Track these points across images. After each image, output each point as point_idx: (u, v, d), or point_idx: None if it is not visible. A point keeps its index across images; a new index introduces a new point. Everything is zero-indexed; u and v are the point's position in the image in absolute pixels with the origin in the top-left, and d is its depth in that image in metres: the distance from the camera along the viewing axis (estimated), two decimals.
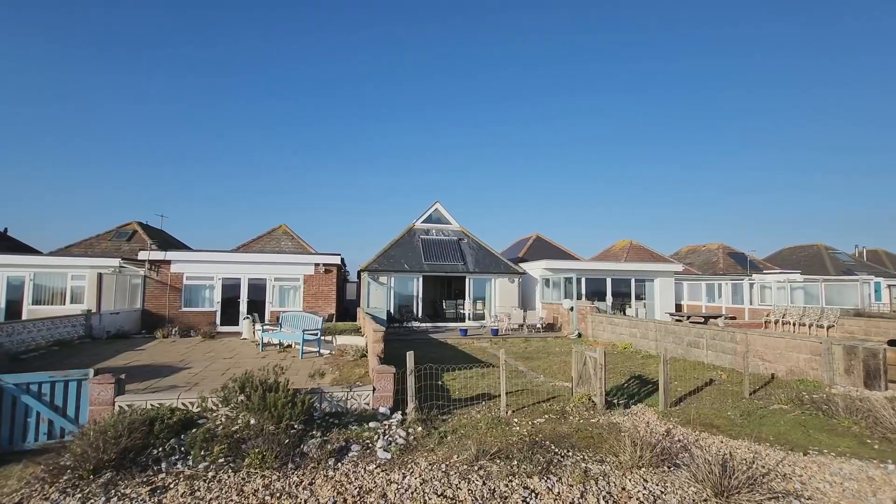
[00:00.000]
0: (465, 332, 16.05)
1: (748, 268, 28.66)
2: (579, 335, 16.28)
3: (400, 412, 5.94)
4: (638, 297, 21.70)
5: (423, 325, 18.81)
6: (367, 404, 5.91)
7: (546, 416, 6.34)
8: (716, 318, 15.99)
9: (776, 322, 18.24)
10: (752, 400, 7.29)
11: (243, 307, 17.31)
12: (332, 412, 5.75)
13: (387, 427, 5.49)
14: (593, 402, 6.95)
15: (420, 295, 19.16)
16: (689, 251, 35.53)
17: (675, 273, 22.25)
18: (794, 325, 17.49)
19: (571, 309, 17.01)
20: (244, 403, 4.91)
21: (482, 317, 19.86)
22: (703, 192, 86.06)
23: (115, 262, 16.30)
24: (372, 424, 5.49)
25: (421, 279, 19.18)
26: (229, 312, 17.28)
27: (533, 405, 7.01)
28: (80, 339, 12.53)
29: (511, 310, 17.54)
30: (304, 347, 11.19)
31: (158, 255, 16.46)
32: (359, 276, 20.07)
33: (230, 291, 17.40)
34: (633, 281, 21.25)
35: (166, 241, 25.74)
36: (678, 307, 23.12)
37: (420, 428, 5.56)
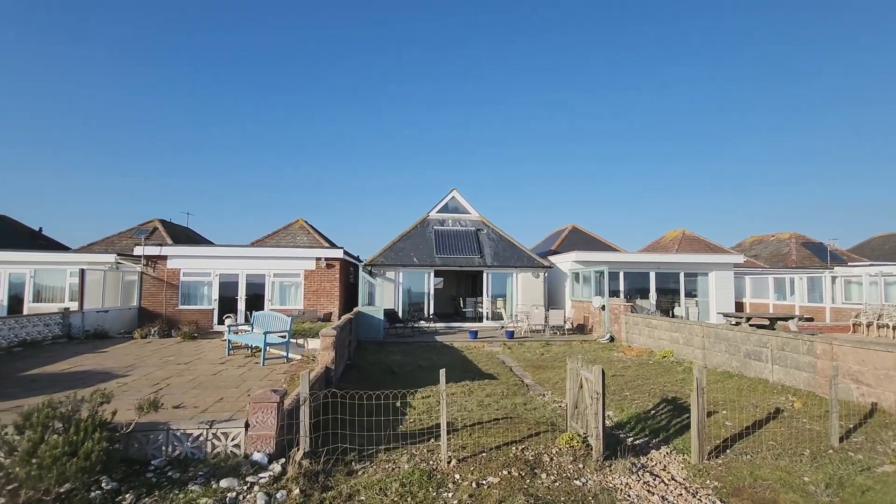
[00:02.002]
0: (475, 334, 13.98)
1: (828, 260, 24.29)
2: (611, 339, 13.70)
3: (284, 460, 4.08)
4: (689, 295, 18.56)
5: (435, 325, 16.91)
6: (237, 447, 4.10)
7: (507, 471, 4.23)
8: (786, 319, 12.84)
9: (868, 325, 14.64)
10: (843, 451, 4.76)
11: (241, 305, 16.25)
12: (184, 458, 4.00)
13: (246, 488, 3.65)
14: (589, 445, 4.75)
15: (431, 292, 17.27)
16: (755, 242, 31.11)
17: (735, 265, 18.85)
18: (894, 329, 13.88)
19: (603, 308, 14.45)
20: (8, 453, 3.26)
21: (502, 316, 17.64)
22: (773, 180, 77.61)
23: (111, 257, 15.75)
24: (224, 483, 3.66)
25: (432, 274, 17.29)
26: (228, 310, 16.29)
27: (499, 448, 4.90)
28: (53, 340, 11.79)
29: (532, 308, 15.25)
30: (270, 351, 9.66)
31: (154, 250, 15.71)
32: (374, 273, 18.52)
33: (229, 288, 16.41)
34: (682, 275, 18.15)
35: (189, 238, 25.58)
36: (739, 306, 19.67)
37: (297, 490, 3.67)
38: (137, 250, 15.66)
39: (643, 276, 18.14)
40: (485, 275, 17.53)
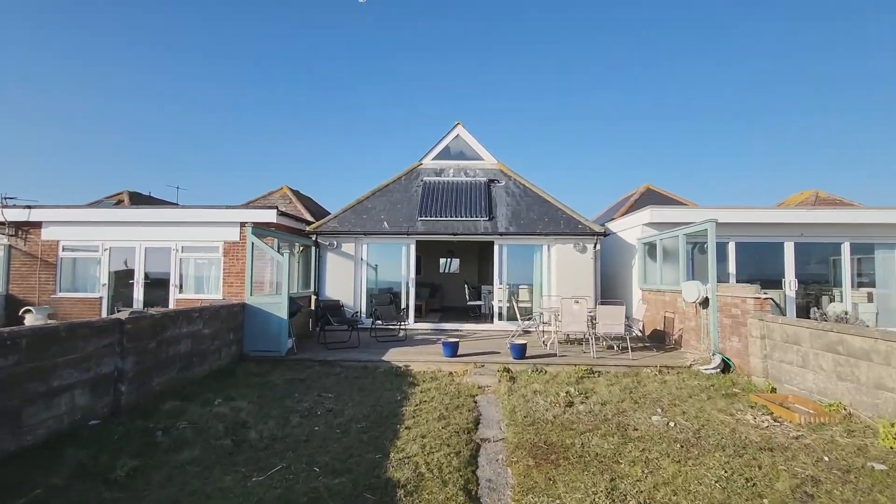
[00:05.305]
0: (452, 348, 7.68)
1: None
2: (725, 368, 6.77)
3: None
4: (859, 284, 10.79)
5: (416, 325, 10.88)
6: None
7: None
8: None
9: None
10: None
11: (138, 292, 11.29)
12: None
13: None
14: None
15: (411, 274, 11.15)
16: None
17: None
18: None
19: (703, 303, 7.51)
20: None
21: (528, 313, 11.06)
22: None
23: None
24: None
25: (412, 247, 11.16)
26: (124, 297, 11.45)
27: None
28: None
29: (569, 304, 8.49)
30: None
31: (19, 213, 11.16)
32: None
33: (127, 267, 11.54)
34: (846, 247, 10.44)
35: None
36: None
37: None
38: None
39: (771, 250, 10.72)
40: (496, 247, 11.08)
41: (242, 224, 11.07)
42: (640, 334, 8.83)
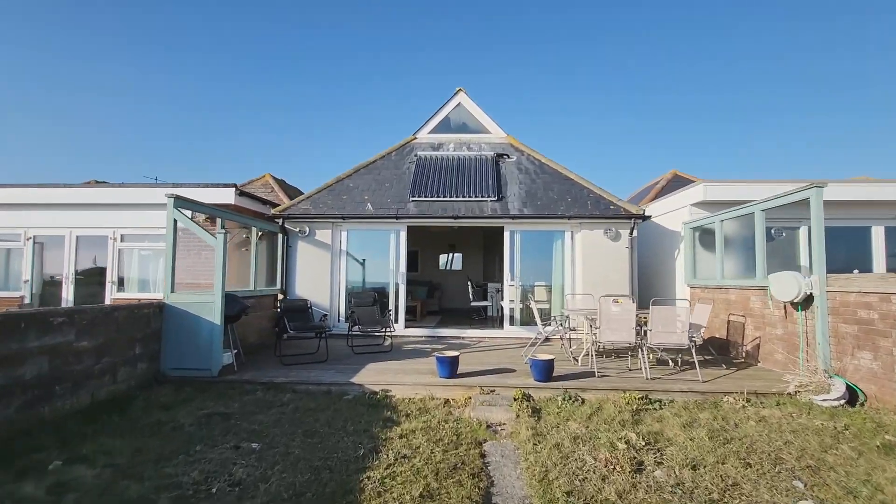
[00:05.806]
0: (448, 366, 5.52)
1: None
2: (850, 396, 4.60)
3: None
4: None
5: (407, 331, 8.77)
6: None
7: None
8: None
9: None
10: None
11: (67, 291, 9.25)
12: None
13: None
14: None
15: (401, 269, 9.01)
16: None
17: None
18: None
19: (803, 304, 5.33)
20: None
21: (546, 316, 8.88)
22: None
23: None
24: None
25: (402, 234, 9.01)
26: (53, 297, 9.42)
27: None
28: None
29: (607, 304, 6.29)
30: None
31: None
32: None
33: (58, 261, 9.51)
34: None
35: None
36: None
37: None
38: None
39: (845, 237, 8.56)
40: (507, 234, 8.92)
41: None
42: (697, 342, 6.64)
